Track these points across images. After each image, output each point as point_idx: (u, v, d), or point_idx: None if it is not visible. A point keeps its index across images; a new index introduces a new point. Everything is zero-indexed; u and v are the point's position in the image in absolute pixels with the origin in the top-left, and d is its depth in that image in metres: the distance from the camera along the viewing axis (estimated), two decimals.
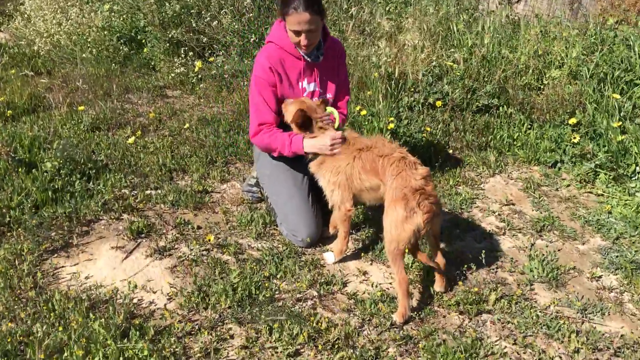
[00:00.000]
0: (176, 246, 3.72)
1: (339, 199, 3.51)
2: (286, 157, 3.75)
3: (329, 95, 3.89)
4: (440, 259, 3.34)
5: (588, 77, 5.53)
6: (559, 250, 3.96)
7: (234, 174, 4.70)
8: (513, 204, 4.54)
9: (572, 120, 5.14)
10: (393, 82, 5.62)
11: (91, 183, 4.25)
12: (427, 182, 3.16)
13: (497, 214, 4.36)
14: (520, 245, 3.98)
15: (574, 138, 4.99)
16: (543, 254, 3.85)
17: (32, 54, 7.20)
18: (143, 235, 3.81)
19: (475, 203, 4.52)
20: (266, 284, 3.33)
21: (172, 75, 6.58)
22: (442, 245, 3.60)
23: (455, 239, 3.99)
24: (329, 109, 3.71)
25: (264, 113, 3.69)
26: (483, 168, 5.06)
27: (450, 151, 5.29)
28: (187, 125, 5.34)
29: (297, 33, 3.51)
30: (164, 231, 3.87)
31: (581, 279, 3.67)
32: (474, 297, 3.30)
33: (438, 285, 3.40)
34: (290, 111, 3.59)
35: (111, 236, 3.79)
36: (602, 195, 4.71)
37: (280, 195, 3.82)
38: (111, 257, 3.59)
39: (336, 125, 3.65)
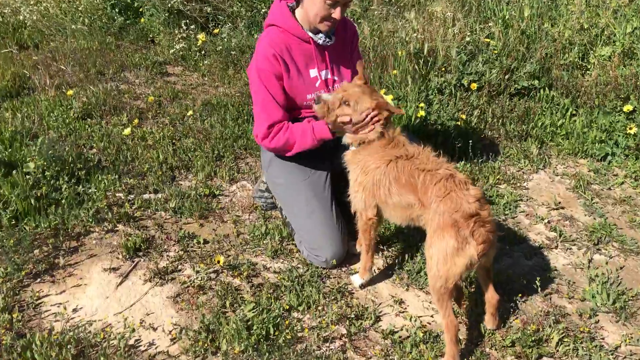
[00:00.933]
0: (179, 267, 3.19)
1: (362, 204, 2.94)
2: (304, 157, 3.19)
3: (345, 83, 3.30)
4: (492, 295, 2.79)
5: None
6: (621, 268, 3.42)
7: (244, 172, 4.14)
8: (562, 208, 3.97)
9: (627, 107, 4.51)
10: (422, 60, 4.98)
11: (81, 186, 3.69)
12: (482, 206, 2.58)
13: (545, 220, 3.80)
14: (576, 262, 3.43)
15: (630, 129, 4.38)
16: (604, 274, 3.31)
17: (17, 24, 6.54)
18: (141, 253, 3.28)
19: (520, 206, 3.96)
20: (286, 321, 2.80)
21: (173, 50, 5.93)
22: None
23: (502, 255, 3.44)
24: (382, 92, 3.11)
25: (272, 111, 3.09)
26: (525, 162, 4.47)
27: (488, 141, 4.69)
28: (190, 112, 4.74)
29: (335, 4, 2.91)
30: (165, 247, 3.34)
31: None
32: (532, 337, 2.78)
33: (489, 322, 2.87)
34: (358, 110, 2.86)
35: (104, 254, 3.26)
36: None
37: (298, 210, 3.26)
38: (104, 281, 3.07)
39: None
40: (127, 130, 4.28)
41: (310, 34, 3.09)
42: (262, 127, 3.09)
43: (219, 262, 3.12)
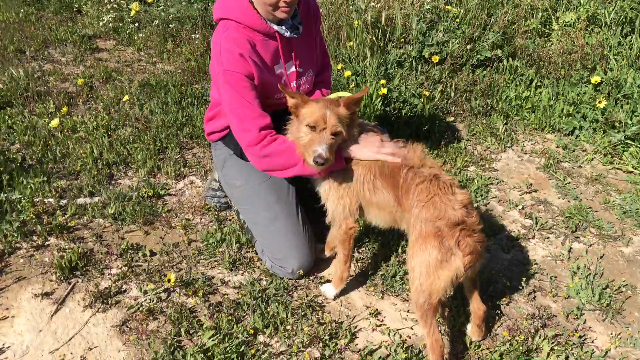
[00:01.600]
0: (124, 287, 2.79)
1: (345, 211, 2.61)
2: None
3: (311, 73, 2.90)
4: (478, 306, 2.55)
5: (609, 22, 4.66)
6: (601, 257, 3.25)
7: (191, 166, 3.70)
8: (535, 191, 3.77)
9: (595, 79, 4.30)
10: (380, 30, 4.61)
11: (2, 193, 3.19)
12: (469, 213, 2.31)
13: (520, 207, 3.59)
14: (555, 253, 3.24)
15: (600, 102, 4.18)
16: (585, 266, 3.13)
17: None
18: (78, 272, 2.84)
19: (491, 191, 3.73)
20: (252, 350, 2.47)
21: (103, 22, 5.31)
22: None
23: None
24: (341, 93, 2.76)
25: (257, 116, 2.58)
26: (491, 140, 4.23)
27: (451, 118, 4.41)
28: (126, 96, 4.21)
29: None
30: (106, 263, 2.92)
31: (637, 300, 2.98)
32: (521, 348, 2.56)
33: (475, 333, 2.63)
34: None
35: (34, 276, 2.81)
36: (633, 172, 3.99)
37: (260, 217, 2.87)
38: (35, 311, 2.64)
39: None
40: (54, 121, 3.75)
41: (275, 27, 2.61)
42: (252, 130, 2.57)
43: (169, 280, 2.73)
